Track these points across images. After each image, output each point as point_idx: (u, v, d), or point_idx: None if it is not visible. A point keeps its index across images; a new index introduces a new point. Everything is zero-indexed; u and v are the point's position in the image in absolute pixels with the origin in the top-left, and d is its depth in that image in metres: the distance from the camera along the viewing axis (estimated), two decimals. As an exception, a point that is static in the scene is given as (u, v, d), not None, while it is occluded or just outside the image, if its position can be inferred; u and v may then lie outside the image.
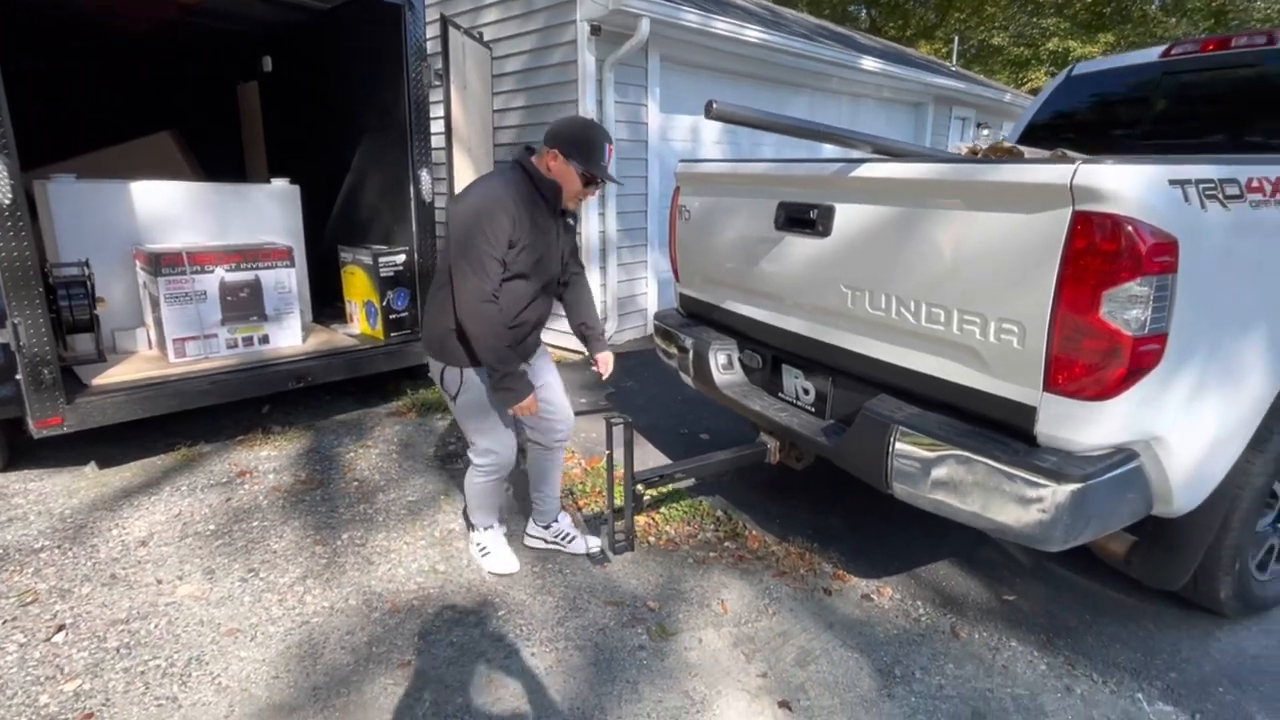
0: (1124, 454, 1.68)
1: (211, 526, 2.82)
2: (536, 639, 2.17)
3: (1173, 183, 1.54)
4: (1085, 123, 3.77)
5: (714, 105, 1.78)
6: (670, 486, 2.76)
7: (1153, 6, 19.55)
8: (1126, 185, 1.49)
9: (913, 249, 1.90)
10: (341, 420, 4.03)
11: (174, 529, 2.80)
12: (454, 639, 2.17)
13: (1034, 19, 20.86)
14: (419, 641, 2.16)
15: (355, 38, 4.28)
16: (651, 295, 5.91)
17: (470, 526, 2.61)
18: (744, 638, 2.19)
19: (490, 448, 2.32)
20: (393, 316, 4.12)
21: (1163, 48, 3.52)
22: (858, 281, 2.09)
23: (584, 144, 2.12)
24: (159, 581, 2.45)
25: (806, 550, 2.68)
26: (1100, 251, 1.51)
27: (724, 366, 2.77)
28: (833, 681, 2.01)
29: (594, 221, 5.14)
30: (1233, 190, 1.64)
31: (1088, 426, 1.63)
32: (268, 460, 3.46)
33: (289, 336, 3.94)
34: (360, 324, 4.32)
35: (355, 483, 3.24)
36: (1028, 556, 2.63)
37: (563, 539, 2.63)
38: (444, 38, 3.82)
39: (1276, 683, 2.01)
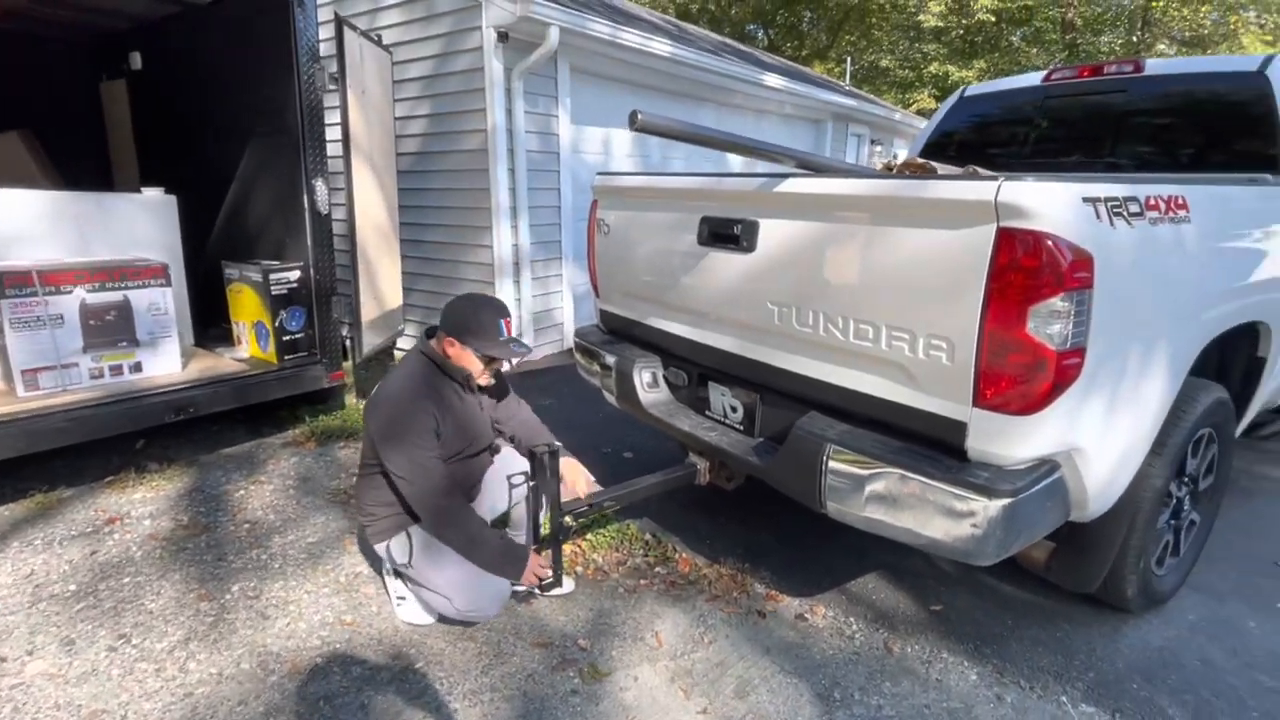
0: (1048, 465, 1.71)
1: (72, 587, 2.46)
2: (459, 692, 1.99)
3: (1086, 200, 1.58)
4: (976, 142, 3.97)
5: (639, 116, 1.69)
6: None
7: (1015, 37, 21.35)
8: (1047, 202, 1.51)
9: (839, 265, 1.88)
10: (230, 454, 3.65)
11: (23, 593, 2.41)
12: (366, 700, 1.96)
13: (916, 44, 22.32)
14: (325, 706, 1.93)
15: (238, 35, 3.93)
16: (567, 310, 5.78)
17: (383, 570, 2.39)
18: (681, 671, 2.10)
19: (472, 604, 2.10)
20: (286, 338, 3.78)
21: (1045, 73, 3.76)
22: (784, 298, 2.06)
23: (474, 327, 2.05)
24: (2, 660, 2.09)
25: (738, 571, 2.62)
26: (1024, 268, 1.53)
27: (649, 385, 2.68)
28: (773, 712, 1.94)
29: (506, 235, 4.97)
30: (1134, 208, 1.71)
31: (1016, 441, 1.65)
32: (142, 504, 3.07)
33: (166, 363, 3.53)
34: (250, 347, 3.95)
35: (247, 525, 2.92)
36: (951, 565, 2.69)
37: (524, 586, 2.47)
38: (339, 38, 3.56)
39: (1181, 674, 2.11)
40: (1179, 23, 16.98)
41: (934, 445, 1.79)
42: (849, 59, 19.56)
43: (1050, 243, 1.50)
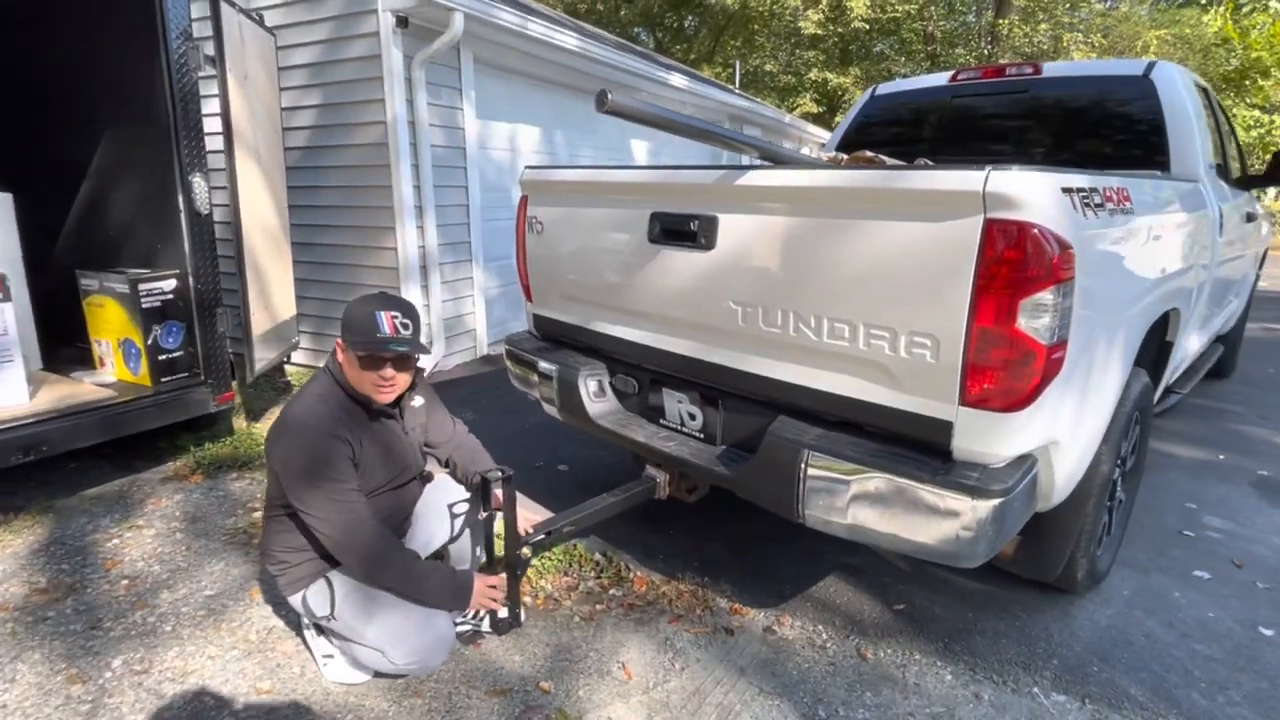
0: (1029, 460, 1.69)
1: (-112, 682, 1.96)
2: (410, 761, 1.73)
3: (1064, 190, 1.57)
4: (886, 138, 4.06)
5: (609, 97, 1.52)
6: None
7: (885, 46, 22.76)
8: (1035, 192, 1.47)
9: (811, 262, 1.79)
10: (96, 495, 3.12)
11: None
12: (296, 785, 1.66)
13: (796, 50, 23.29)
14: (245, 799, 1.62)
15: (95, 8, 3.37)
16: (479, 315, 5.46)
17: (303, 625, 2.07)
18: (657, 705, 1.94)
19: (413, 655, 1.81)
20: (162, 357, 3.29)
21: (951, 73, 3.90)
22: (748, 297, 1.94)
23: (355, 320, 1.76)
24: None
25: (698, 586, 2.49)
26: (1014, 260, 1.48)
27: (595, 394, 2.50)
28: (761, 739, 1.82)
29: (411, 235, 4.61)
30: (1097, 199, 1.73)
31: (1002, 438, 1.61)
32: (-19, 567, 2.54)
33: (8, 393, 2.97)
34: (116, 369, 3.40)
35: (125, 581, 2.48)
36: (904, 561, 2.68)
37: (476, 619, 2.20)
38: (215, 16, 3.12)
39: (1130, 651, 2.18)
40: (1020, 40, 18.68)
41: (915, 446, 1.73)
42: (737, 63, 20.09)
43: (1039, 234, 1.47)
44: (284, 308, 4.10)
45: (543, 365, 2.62)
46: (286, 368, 5.09)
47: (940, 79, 3.94)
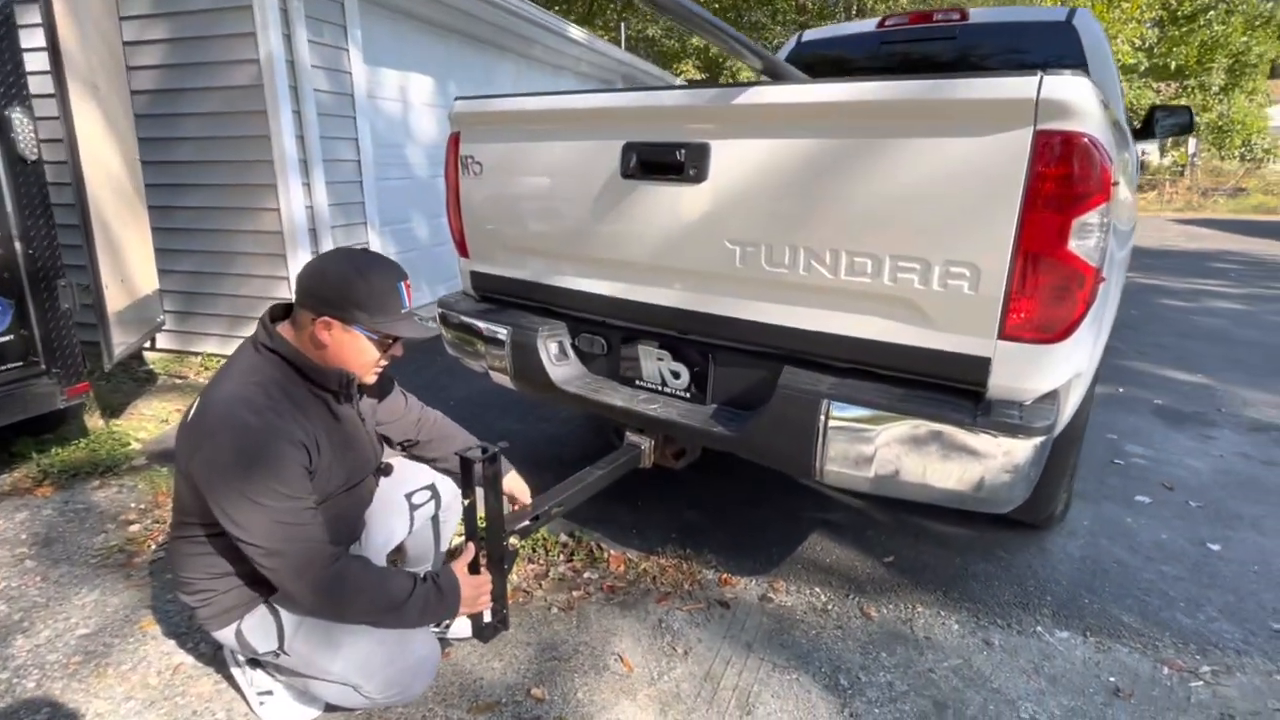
0: (1055, 396, 1.60)
1: None
2: (393, 809, 1.42)
3: (1099, 100, 1.45)
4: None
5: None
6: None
7: (760, 16, 23.14)
8: (1087, 99, 1.34)
9: (828, 190, 1.58)
10: (-97, 525, 2.45)
11: None
12: None
13: (676, 16, 23.11)
14: None
15: None
16: (379, 286, 4.90)
17: (230, 660, 1.66)
18: (668, 698, 1.72)
19: (393, 684, 1.44)
20: (-15, 345, 2.62)
21: (879, 19, 3.83)
22: (749, 235, 1.72)
23: (364, 296, 1.38)
24: None
25: (680, 559, 2.29)
26: (1066, 176, 1.35)
27: (557, 357, 2.21)
28: (790, 719, 1.66)
29: (297, 195, 4.00)
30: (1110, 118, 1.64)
31: (1042, 373, 1.50)
32: None
33: None
34: (-83, 364, 2.68)
35: (-40, 629, 1.93)
36: (878, 510, 2.61)
37: (442, 626, 1.86)
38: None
39: (1109, 579, 2.22)
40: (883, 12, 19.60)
41: (942, 389, 1.60)
42: (623, 25, 19.66)
43: (1091, 145, 1.34)
44: (144, 281, 3.43)
45: (490, 329, 2.29)
46: (147, 354, 4.34)
47: (868, 25, 3.86)
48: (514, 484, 1.77)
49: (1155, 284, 7.64)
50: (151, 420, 3.45)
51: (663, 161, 1.80)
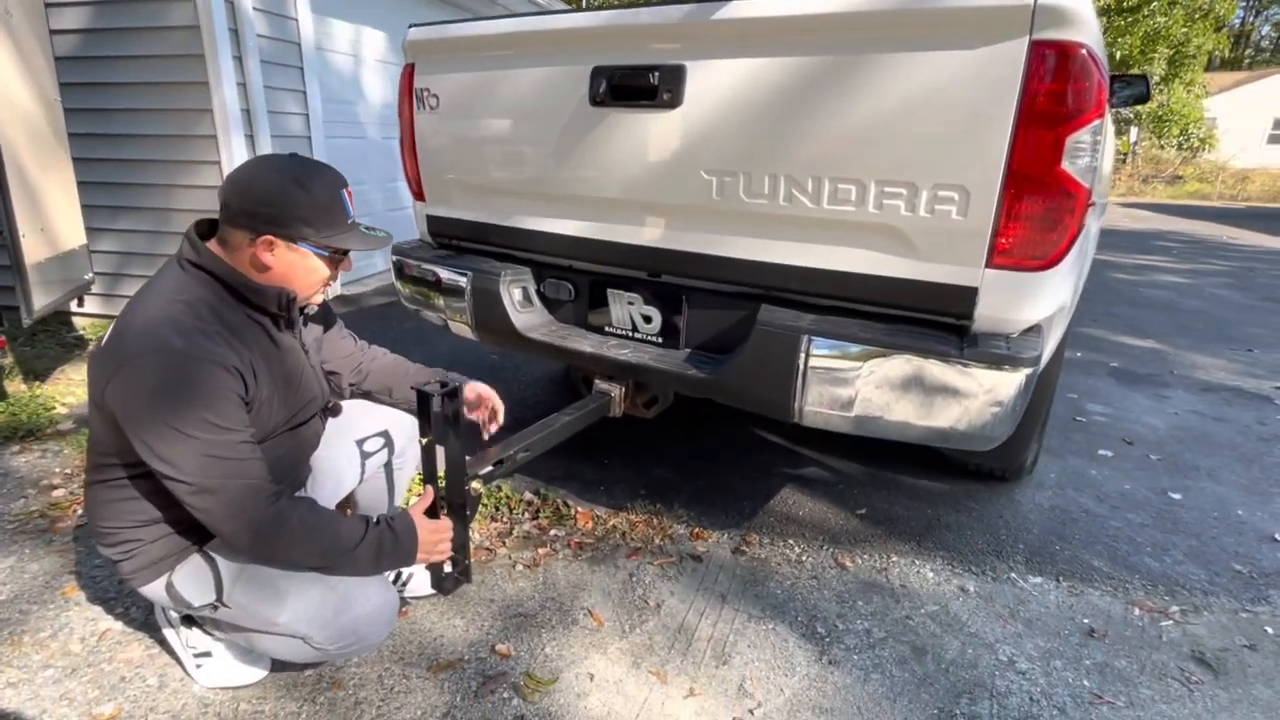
0: (1038, 329, 1.55)
1: None
2: (346, 771, 1.31)
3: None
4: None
5: None
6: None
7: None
8: (1083, 5, 1.28)
9: (810, 112, 1.50)
10: None
11: None
12: (180, 835, 1.18)
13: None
14: None
15: None
16: (329, 250, 4.67)
17: (161, 619, 1.52)
18: (641, 650, 1.64)
19: (346, 634, 1.29)
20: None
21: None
22: (726, 163, 1.63)
23: (307, 208, 1.23)
24: None
25: (651, 514, 2.21)
26: (1061, 91, 1.28)
27: (521, 304, 2.09)
28: (768, 671, 1.60)
29: (241, 149, 3.74)
30: (1099, 44, 1.59)
31: (1029, 302, 1.45)
32: None
33: None
34: None
35: None
36: (850, 465, 2.58)
37: (400, 583, 1.74)
38: None
39: (1078, 527, 2.22)
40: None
41: (925, 323, 1.54)
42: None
43: (1088, 57, 1.28)
44: (68, 234, 3.16)
45: (448, 276, 2.15)
46: (75, 318, 4.05)
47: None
48: (480, 390, 1.67)
49: (1104, 259, 7.84)
50: (79, 385, 3.20)
51: (635, 86, 1.69)
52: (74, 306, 3.60)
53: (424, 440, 1.38)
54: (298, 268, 1.26)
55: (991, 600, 1.86)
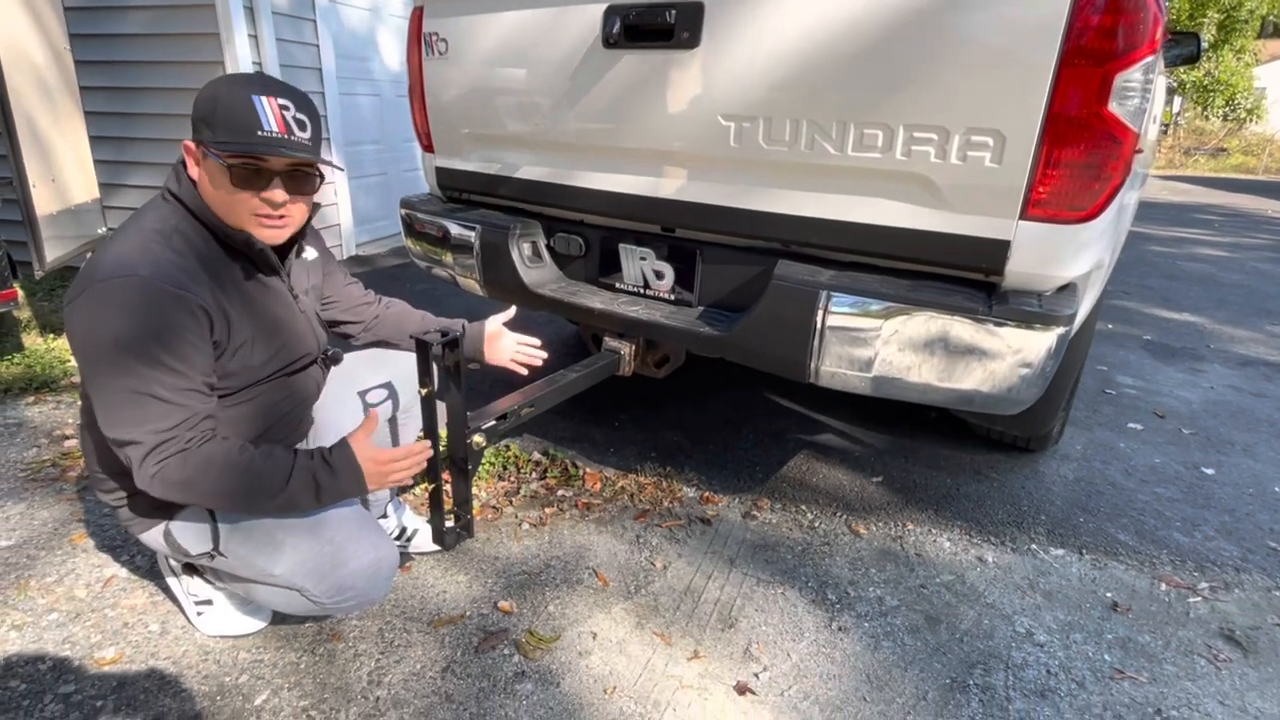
0: (1073, 288, 1.46)
1: None
2: (343, 722, 1.29)
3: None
4: None
5: None
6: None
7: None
8: (1142, -70, 1.16)
9: (836, 52, 1.40)
10: None
11: None
12: (176, 779, 1.17)
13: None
14: (96, 812, 1.12)
15: None
16: (344, 209, 4.64)
17: (165, 567, 1.51)
18: (646, 611, 1.61)
19: (344, 588, 1.24)
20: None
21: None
22: (746, 108, 1.53)
23: (217, 108, 1.11)
24: None
25: (660, 477, 2.17)
26: (1111, 24, 1.18)
27: (530, 259, 2.02)
28: (775, 635, 1.56)
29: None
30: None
31: (1066, 258, 1.36)
32: None
33: None
34: None
35: None
36: (866, 432, 2.51)
37: (404, 539, 1.72)
38: None
39: (1103, 500, 2.14)
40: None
41: (950, 279, 1.46)
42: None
43: (1143, -14, 1.17)
44: (80, 186, 3.14)
45: (457, 230, 2.09)
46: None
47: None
48: (498, 344, 1.65)
49: (1142, 232, 7.57)
50: (95, 339, 3.21)
51: (650, 25, 1.59)
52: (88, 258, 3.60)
53: (423, 391, 1.33)
54: (218, 186, 1.14)
55: (1010, 571, 1.80)
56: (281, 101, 1.13)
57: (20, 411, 2.47)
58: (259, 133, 1.10)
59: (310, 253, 1.44)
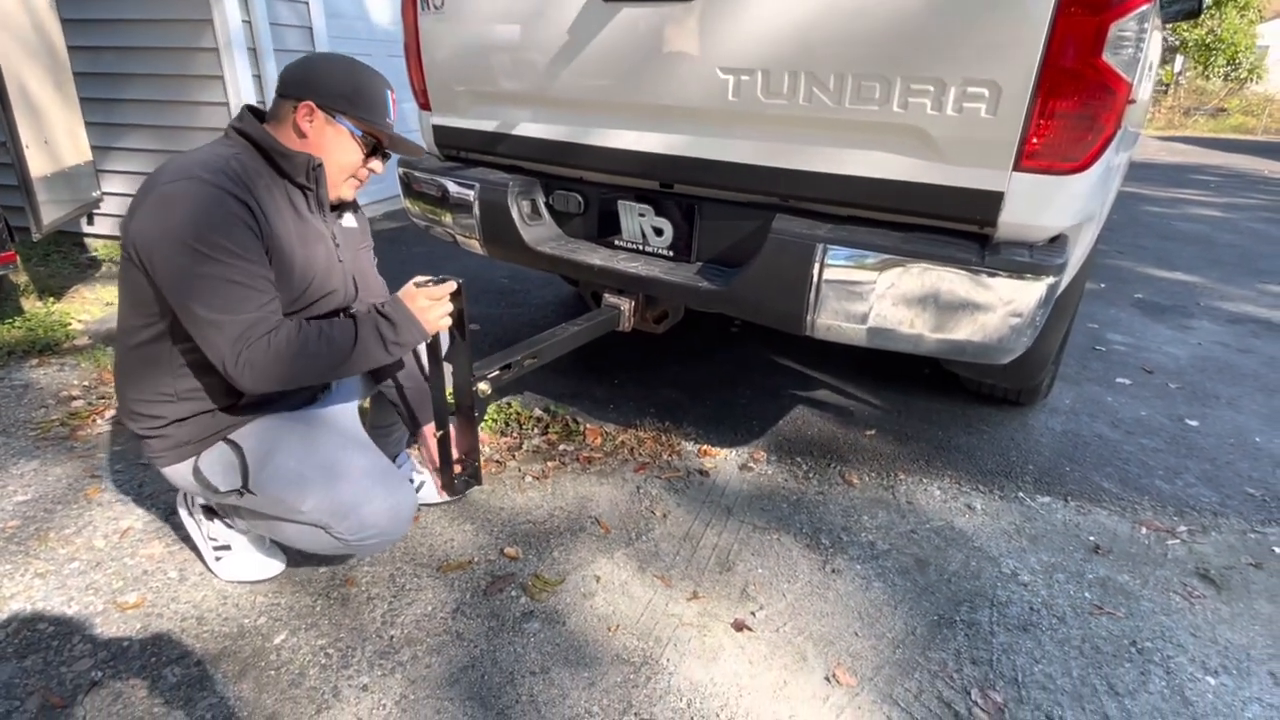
0: (1063, 240, 1.49)
1: None
2: (361, 660, 1.35)
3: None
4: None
5: None
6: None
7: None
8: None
9: (835, 3, 1.40)
10: None
11: None
12: (214, 711, 1.24)
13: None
14: (130, 740, 1.18)
15: None
16: (338, 172, 4.58)
17: (186, 510, 1.55)
18: (647, 556, 1.67)
19: (368, 526, 1.30)
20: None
21: None
22: (744, 60, 1.54)
23: (356, 88, 1.30)
24: None
25: (659, 431, 2.22)
26: (1107, -30, 1.19)
27: (530, 216, 2.04)
28: (770, 577, 1.62)
29: (246, 84, 3.61)
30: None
31: (1057, 209, 1.39)
32: None
33: None
34: None
35: (-116, 497, 1.79)
36: (859, 387, 2.56)
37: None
38: None
39: (1090, 450, 2.20)
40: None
41: (944, 231, 1.48)
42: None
43: (1139, -68, 1.17)
44: (72, 150, 3.11)
45: (455, 189, 2.10)
46: (89, 240, 4.05)
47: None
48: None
49: (1137, 192, 7.56)
50: (95, 304, 3.23)
51: (647, -24, 1.59)
52: (85, 226, 3.59)
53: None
54: (332, 142, 1.29)
55: (998, 518, 1.87)
56: (394, 96, 1.36)
57: (25, 374, 2.50)
58: (387, 119, 1.33)
59: (349, 220, 1.48)
